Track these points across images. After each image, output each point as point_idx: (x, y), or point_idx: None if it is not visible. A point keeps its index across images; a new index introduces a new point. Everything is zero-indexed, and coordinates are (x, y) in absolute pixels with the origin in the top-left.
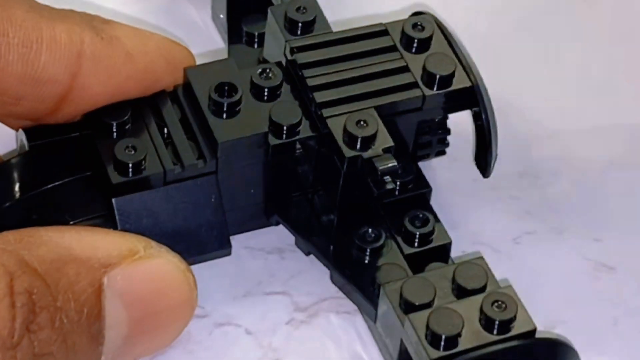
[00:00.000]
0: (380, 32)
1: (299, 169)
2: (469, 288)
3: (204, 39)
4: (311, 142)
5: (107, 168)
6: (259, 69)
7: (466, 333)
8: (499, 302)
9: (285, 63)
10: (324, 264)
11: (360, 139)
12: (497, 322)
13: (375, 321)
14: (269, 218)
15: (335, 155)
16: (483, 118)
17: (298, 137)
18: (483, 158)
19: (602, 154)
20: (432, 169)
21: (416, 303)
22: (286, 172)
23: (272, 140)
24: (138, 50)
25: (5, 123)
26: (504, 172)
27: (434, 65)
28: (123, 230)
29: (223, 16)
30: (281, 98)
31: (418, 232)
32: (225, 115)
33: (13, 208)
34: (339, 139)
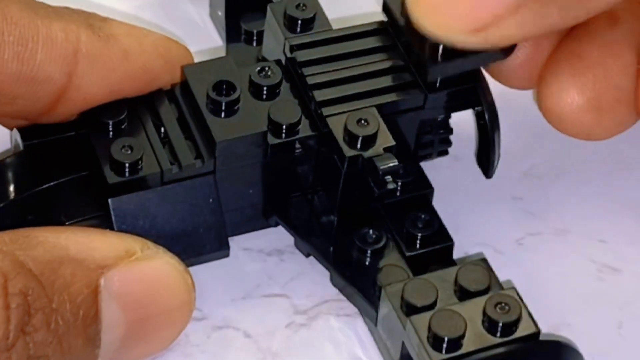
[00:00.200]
0: (381, 30)
1: (299, 169)
2: (472, 290)
3: (202, 37)
4: (311, 142)
5: (104, 168)
6: (258, 67)
7: (469, 335)
8: (502, 304)
9: (284, 61)
10: (324, 266)
11: (360, 138)
12: (501, 325)
13: (376, 324)
14: (268, 219)
15: (335, 154)
16: (486, 117)
17: (297, 137)
18: (485, 158)
19: (607, 154)
20: (434, 169)
21: (418, 305)
22: (285, 172)
23: (271, 139)
24: (135, 48)
25: None
26: (507, 173)
27: None
28: (119, 231)
29: (221, 13)
30: (280, 97)
31: (420, 234)
32: (223, 114)
33: (8, 208)
34: (339, 138)
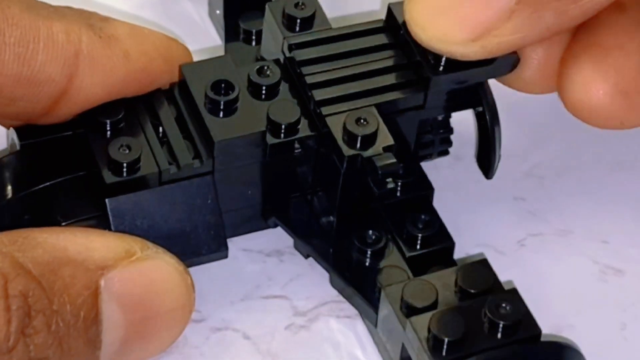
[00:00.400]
0: (381, 29)
1: (298, 169)
2: (473, 291)
3: (201, 36)
4: (310, 142)
5: (101, 168)
6: (257, 67)
7: (469, 337)
8: (503, 306)
9: (283, 60)
10: (324, 267)
11: (360, 138)
12: (502, 326)
13: (376, 325)
14: (267, 220)
15: (334, 154)
16: (487, 117)
17: (296, 136)
18: (486, 158)
19: (610, 153)
20: (435, 169)
21: (418, 306)
22: (284, 173)
23: (270, 139)
24: (136, 49)
25: None
26: (508, 173)
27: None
28: (117, 231)
29: (220, 13)
30: (279, 96)
31: (420, 234)
32: (222, 113)
33: (4, 209)
34: (339, 138)
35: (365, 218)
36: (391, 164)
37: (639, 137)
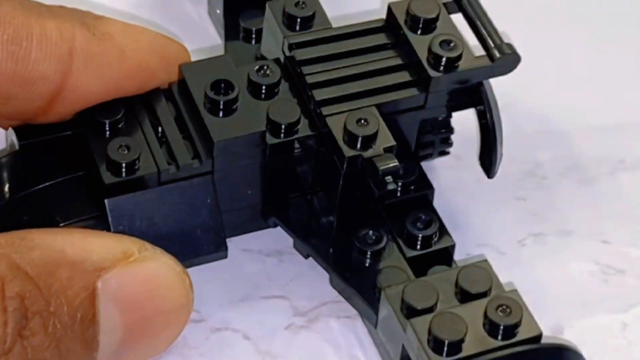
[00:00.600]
0: (381, 28)
1: (298, 169)
2: (473, 292)
3: (200, 35)
4: (310, 142)
5: (100, 168)
6: (257, 66)
7: (470, 338)
8: (504, 307)
9: (283, 60)
10: (324, 267)
11: (360, 138)
12: (502, 327)
13: (376, 326)
14: (267, 220)
15: (334, 154)
16: (488, 117)
17: (296, 136)
18: (488, 158)
19: (611, 153)
20: (435, 169)
21: (418, 307)
22: (284, 173)
23: (270, 139)
24: (131, 47)
25: None
26: (510, 172)
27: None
28: (116, 232)
29: (220, 11)
30: (279, 96)
31: (420, 235)
32: (221, 113)
33: (3, 209)
34: (339, 138)
35: (365, 218)
36: (392, 165)
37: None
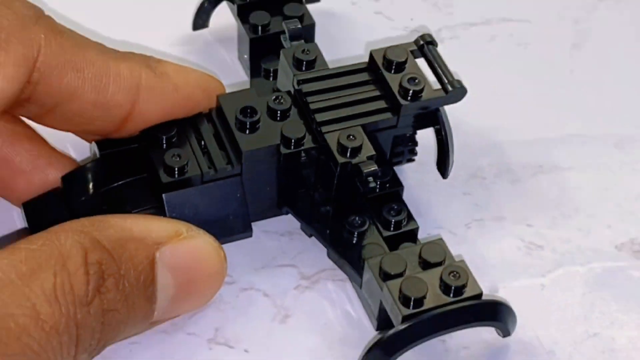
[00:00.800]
0: (364, 69)
1: (304, 172)
2: (432, 262)
3: (232, 74)
4: (313, 152)
5: (159, 171)
6: (274, 96)
7: (429, 296)
8: (455, 273)
9: (293, 92)
10: (323, 244)
11: (350, 149)
12: (453, 288)
13: (361, 287)
14: (281, 209)
15: (331, 161)
16: (443, 133)
17: (303, 148)
18: (443, 164)
19: (533, 160)
20: (404, 172)
21: (392, 273)
22: (294, 174)
23: (283, 150)
24: (182, 82)
25: (82, 137)
26: (459, 174)
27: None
28: (170, 217)
29: (247, 57)
30: (290, 118)
31: (393, 220)
32: (248, 131)
33: (88, 201)
34: (334, 149)
35: (353, 208)
36: (373, 169)
37: (556, 147)
